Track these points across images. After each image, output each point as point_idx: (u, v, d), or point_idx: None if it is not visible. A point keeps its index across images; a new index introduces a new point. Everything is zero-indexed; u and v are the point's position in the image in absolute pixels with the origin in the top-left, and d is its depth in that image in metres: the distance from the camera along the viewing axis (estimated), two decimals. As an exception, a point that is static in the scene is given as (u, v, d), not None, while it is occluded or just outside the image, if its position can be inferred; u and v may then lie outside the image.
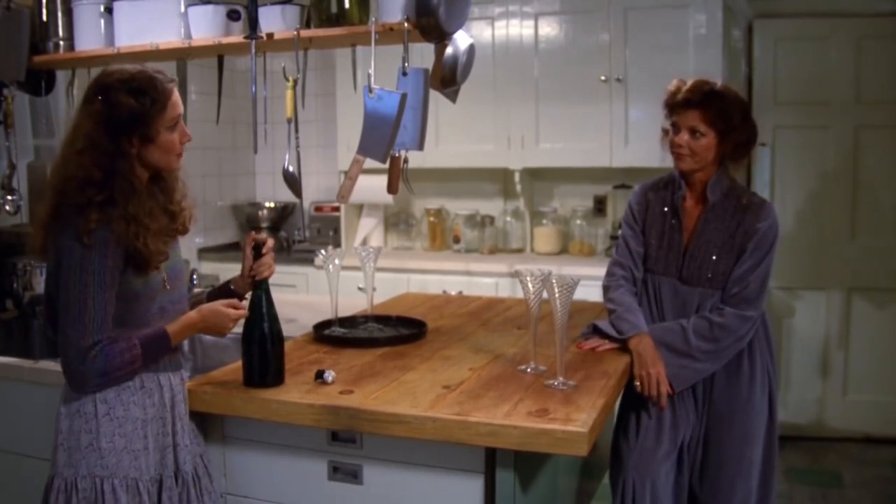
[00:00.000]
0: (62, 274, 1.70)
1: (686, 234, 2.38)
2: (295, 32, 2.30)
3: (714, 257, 2.32)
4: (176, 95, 1.78)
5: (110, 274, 1.70)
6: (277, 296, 2.00)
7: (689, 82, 2.34)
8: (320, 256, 2.43)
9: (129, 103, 1.71)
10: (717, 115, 2.27)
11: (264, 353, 1.89)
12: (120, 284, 1.72)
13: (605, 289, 2.45)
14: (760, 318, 2.34)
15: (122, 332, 1.74)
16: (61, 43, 2.66)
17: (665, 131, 2.39)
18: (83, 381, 1.70)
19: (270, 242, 1.97)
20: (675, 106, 2.33)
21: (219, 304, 1.86)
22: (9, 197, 2.94)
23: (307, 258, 4.35)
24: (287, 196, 3.08)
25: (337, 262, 2.39)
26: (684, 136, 2.30)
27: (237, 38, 2.41)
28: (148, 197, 1.78)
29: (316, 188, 4.86)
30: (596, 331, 2.33)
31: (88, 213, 1.68)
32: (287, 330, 2.01)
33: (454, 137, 4.17)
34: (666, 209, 2.42)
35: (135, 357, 1.73)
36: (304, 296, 4.02)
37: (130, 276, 1.74)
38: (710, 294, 2.33)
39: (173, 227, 1.85)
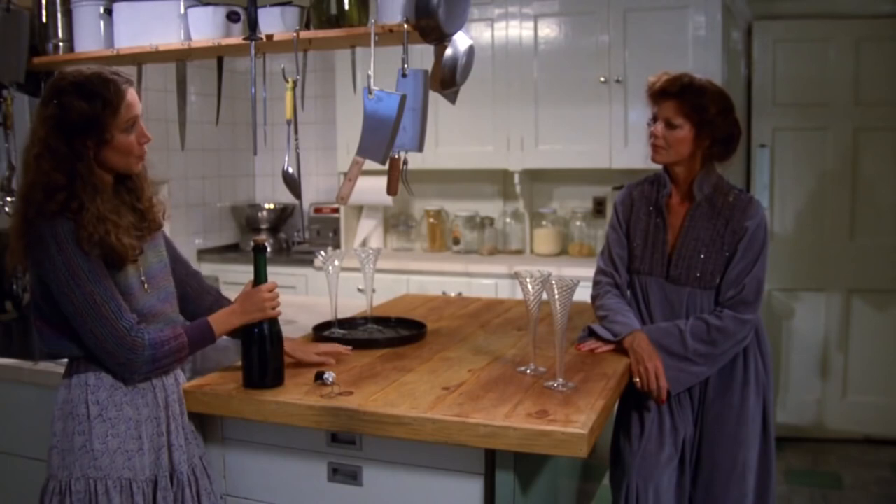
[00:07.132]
0: (56, 289, 1.69)
1: (672, 233, 2.36)
2: (294, 34, 2.31)
3: (702, 256, 2.30)
4: (131, 96, 1.75)
5: (98, 266, 1.70)
6: (277, 297, 2.00)
7: (672, 75, 2.33)
8: (320, 258, 2.43)
9: (81, 107, 1.69)
10: (692, 106, 2.26)
11: (264, 354, 1.89)
12: None
13: (593, 298, 2.44)
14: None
15: None
16: (61, 44, 2.66)
17: (648, 123, 2.38)
18: (134, 368, 1.73)
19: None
20: (654, 96, 2.33)
21: (250, 287, 1.91)
22: (8, 199, 2.93)
23: (307, 259, 4.35)
24: (287, 197, 3.09)
25: (336, 263, 2.39)
26: (659, 127, 2.30)
27: (237, 39, 2.41)
28: (113, 195, 1.78)
29: (315, 190, 4.87)
30: (592, 334, 2.32)
31: (59, 222, 1.67)
32: (286, 331, 2.01)
33: (454, 139, 4.17)
34: (651, 208, 2.40)
35: (181, 345, 1.78)
36: (303, 297, 4.01)
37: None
38: (698, 294, 2.31)
39: (144, 225, 1.84)
